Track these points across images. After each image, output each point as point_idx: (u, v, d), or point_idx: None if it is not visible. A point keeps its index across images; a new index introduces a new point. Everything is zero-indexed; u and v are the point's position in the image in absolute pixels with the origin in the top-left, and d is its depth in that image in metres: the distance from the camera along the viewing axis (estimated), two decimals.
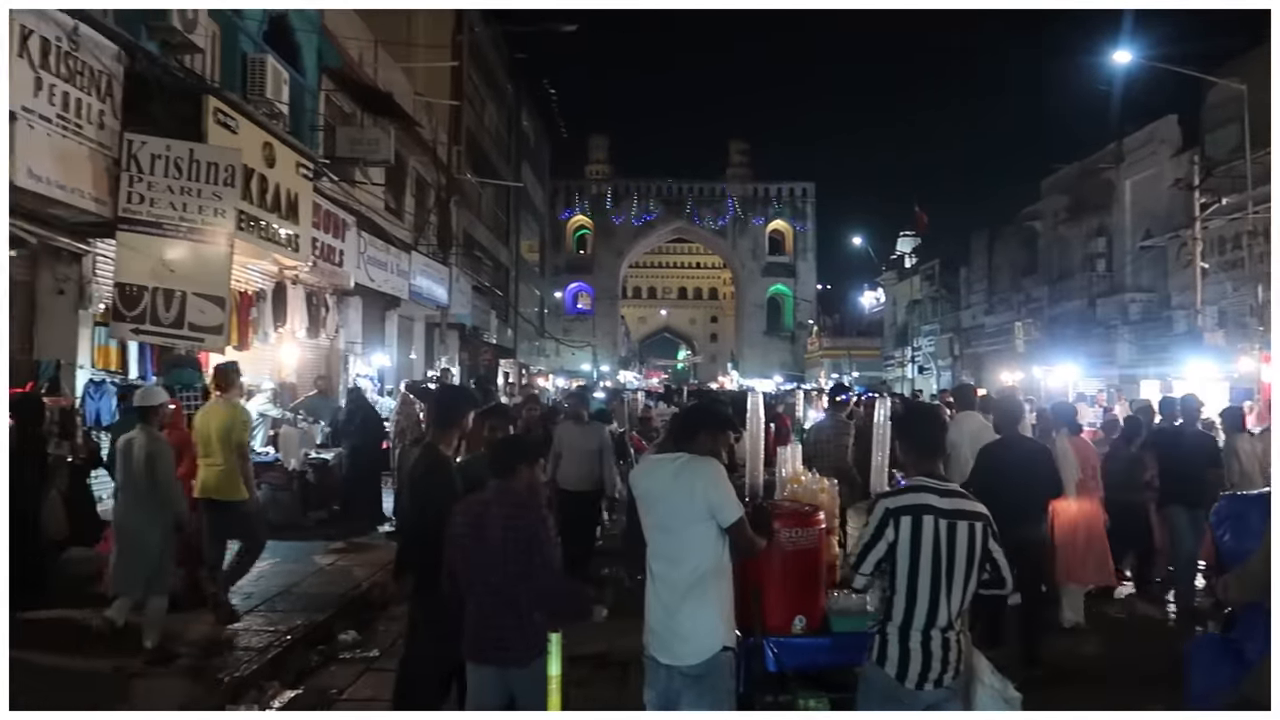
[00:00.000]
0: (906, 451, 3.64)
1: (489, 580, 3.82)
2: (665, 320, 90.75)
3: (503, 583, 3.80)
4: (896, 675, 3.38)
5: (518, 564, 3.79)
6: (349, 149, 15.22)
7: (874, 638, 3.47)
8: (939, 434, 3.73)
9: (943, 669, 3.38)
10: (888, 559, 3.40)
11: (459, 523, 3.95)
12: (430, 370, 20.02)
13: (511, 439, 4.38)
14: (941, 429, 3.85)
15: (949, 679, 3.40)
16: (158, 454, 6.44)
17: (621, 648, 5.35)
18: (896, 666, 3.38)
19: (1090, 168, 27.61)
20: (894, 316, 49.01)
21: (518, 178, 37.24)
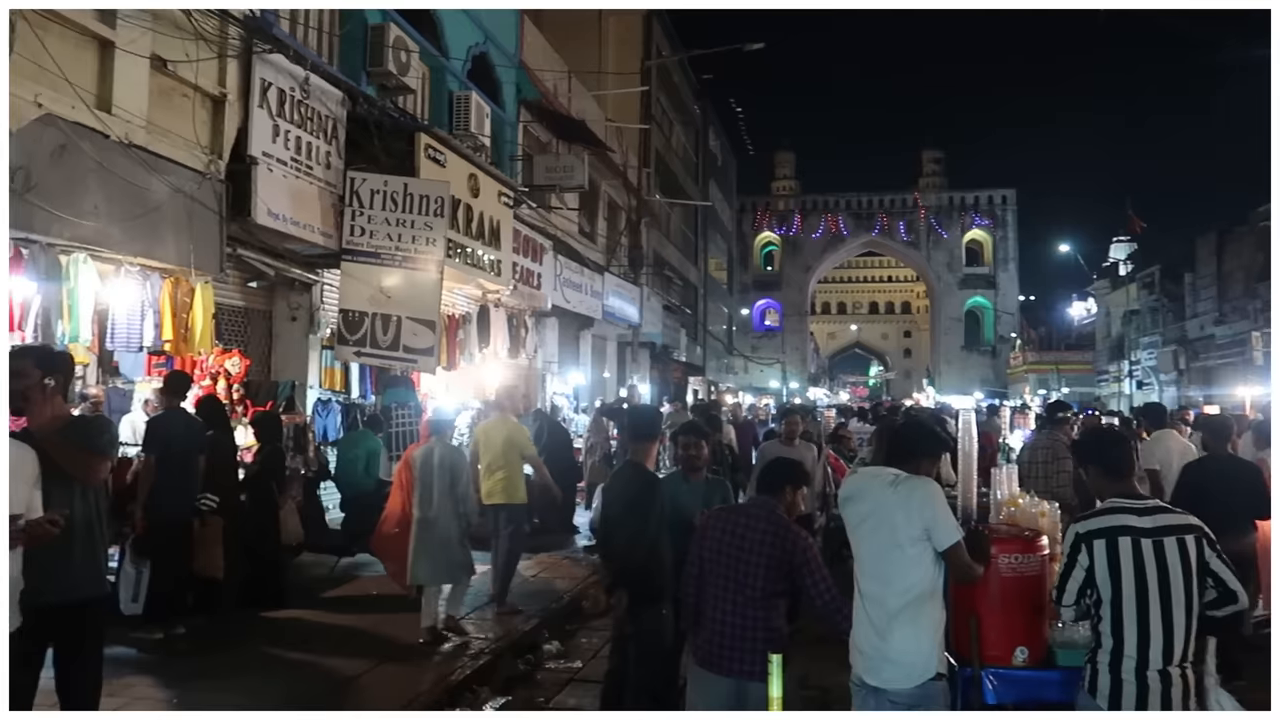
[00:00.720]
0: (1095, 477, 3.47)
1: (742, 595, 3.88)
2: (855, 336, 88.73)
3: (757, 599, 3.86)
4: (1109, 706, 3.17)
5: (774, 582, 3.86)
6: (545, 176, 15.86)
7: (1086, 666, 3.30)
8: (1126, 453, 3.52)
9: (1164, 705, 3.11)
10: (1088, 586, 3.24)
11: (713, 536, 4.02)
12: (620, 389, 20.43)
13: (783, 462, 4.34)
14: (1127, 447, 3.60)
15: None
16: (456, 462, 7.18)
17: (819, 670, 5.24)
18: (1108, 699, 3.17)
19: None
20: (1108, 328, 45.66)
21: (705, 197, 37.55)
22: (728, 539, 3.97)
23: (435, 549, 6.94)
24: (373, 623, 7.35)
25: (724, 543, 3.98)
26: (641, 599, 4.59)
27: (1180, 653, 3.15)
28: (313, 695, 5.61)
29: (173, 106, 7.80)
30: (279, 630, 7.08)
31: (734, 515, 4.11)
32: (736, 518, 4.06)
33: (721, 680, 3.92)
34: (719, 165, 44.45)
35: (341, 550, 9.19)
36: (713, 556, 4.00)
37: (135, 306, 7.43)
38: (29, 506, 3.43)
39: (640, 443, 5.04)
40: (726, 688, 3.91)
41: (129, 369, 8.16)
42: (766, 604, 3.88)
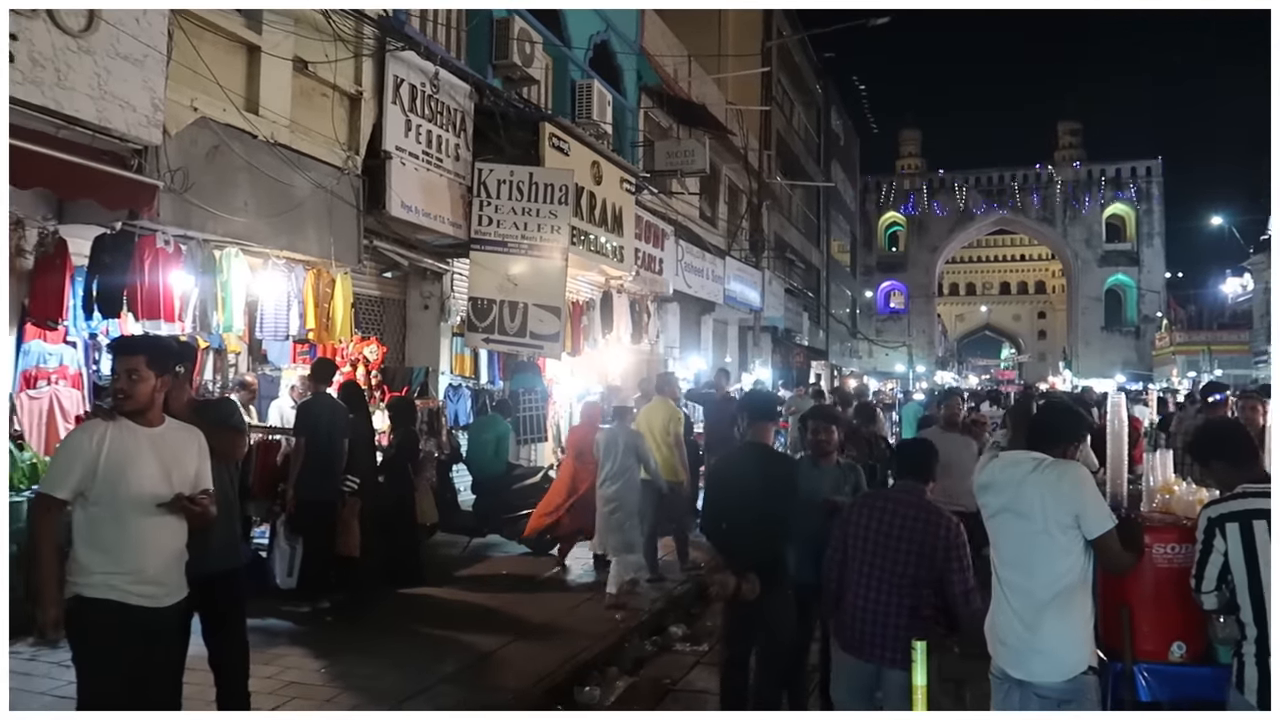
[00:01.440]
0: (1220, 471, 3.31)
1: (889, 580, 3.92)
2: (986, 318, 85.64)
3: (904, 585, 3.90)
4: (1259, 703, 3.00)
5: (922, 569, 3.88)
6: (666, 162, 15.88)
7: (1233, 660, 3.15)
8: (1245, 441, 3.40)
9: None
10: (1227, 572, 3.11)
11: (860, 520, 4.06)
12: (713, 373, 20.29)
13: (926, 446, 4.35)
14: (1244, 436, 3.49)
15: None
16: (638, 443, 7.97)
17: (948, 661, 5.11)
18: (1256, 692, 3.01)
19: None
20: (1265, 305, 42.62)
21: (827, 177, 36.88)
22: (875, 524, 4.00)
23: (622, 522, 7.67)
24: (504, 601, 7.57)
25: (872, 528, 4.00)
26: (772, 582, 4.56)
27: None
28: (447, 669, 5.82)
29: (313, 106, 8.18)
30: (417, 606, 7.37)
31: (883, 501, 4.12)
32: (885, 503, 4.07)
33: (863, 665, 3.95)
34: (841, 145, 43.55)
35: (473, 531, 9.49)
36: (859, 542, 4.03)
37: (282, 297, 7.84)
38: (202, 481, 3.66)
39: (759, 423, 5.03)
40: (868, 673, 3.95)
41: (276, 356, 8.63)
42: (913, 591, 3.89)
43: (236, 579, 4.42)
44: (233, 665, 4.37)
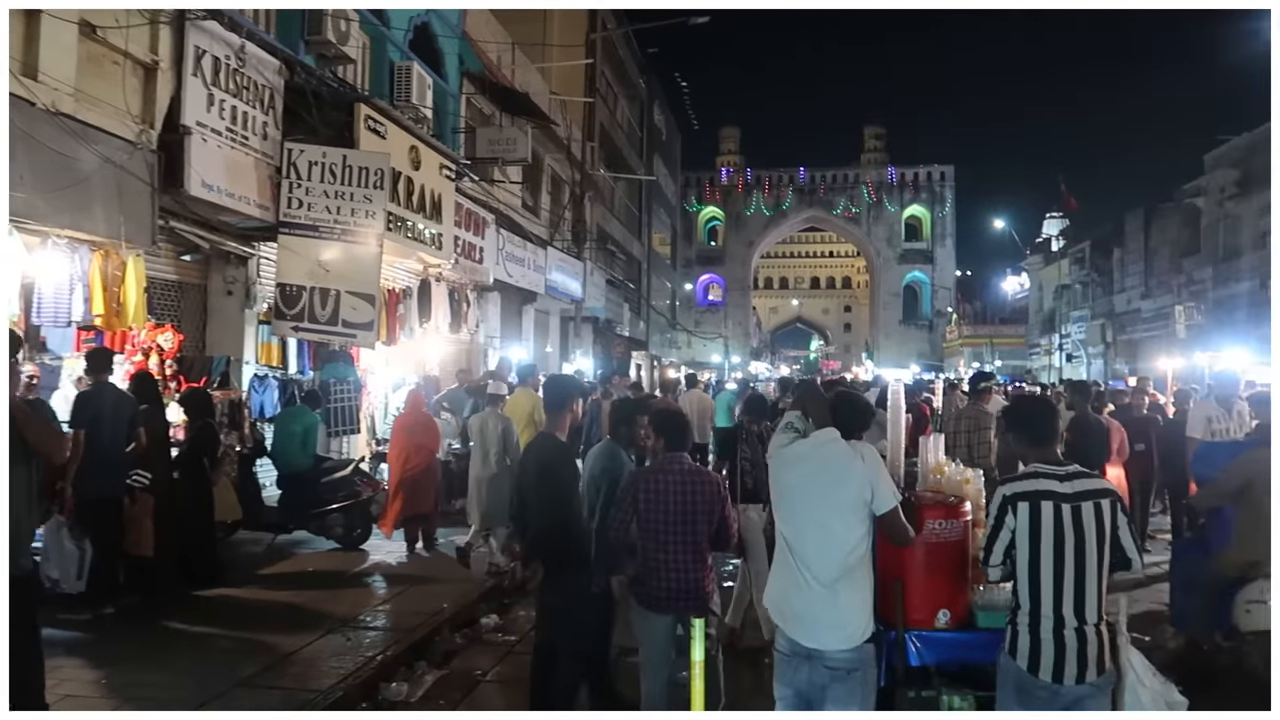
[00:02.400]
0: (1020, 442, 3.61)
1: (687, 538, 4.42)
2: (797, 310, 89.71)
3: (699, 541, 4.43)
4: (1028, 668, 3.30)
5: (709, 522, 4.45)
6: (488, 149, 15.71)
7: (1007, 628, 3.43)
8: (1052, 421, 3.67)
9: (1080, 664, 3.26)
10: (1013, 546, 3.37)
11: (654, 489, 4.45)
12: (565, 363, 20.47)
13: (681, 420, 4.89)
14: (1054, 415, 3.76)
15: (1091, 674, 3.27)
16: (507, 429, 8.62)
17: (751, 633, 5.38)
18: (1027, 659, 3.31)
19: (1261, 139, 25.62)
20: (1040, 302, 46.86)
21: (650, 171, 37.52)
22: (667, 492, 4.44)
23: (498, 499, 8.04)
24: (310, 599, 7.34)
25: (665, 496, 4.44)
26: (560, 568, 4.70)
27: (1095, 612, 3.30)
28: (245, 673, 5.60)
29: (102, 74, 7.59)
30: (213, 608, 7.04)
31: (664, 472, 4.52)
32: (668, 474, 4.50)
33: (666, 620, 4.47)
34: (663, 140, 44.39)
35: (278, 527, 9.13)
36: (656, 510, 4.44)
37: (64, 280, 7.24)
38: None
39: (552, 412, 5.11)
40: (670, 625, 4.45)
41: (56, 344, 7.97)
42: (703, 545, 4.47)
43: (28, 584, 4.11)
44: (20, 675, 4.05)
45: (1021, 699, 3.35)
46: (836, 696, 3.49)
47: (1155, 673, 3.66)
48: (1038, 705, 3.33)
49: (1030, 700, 3.33)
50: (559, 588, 4.77)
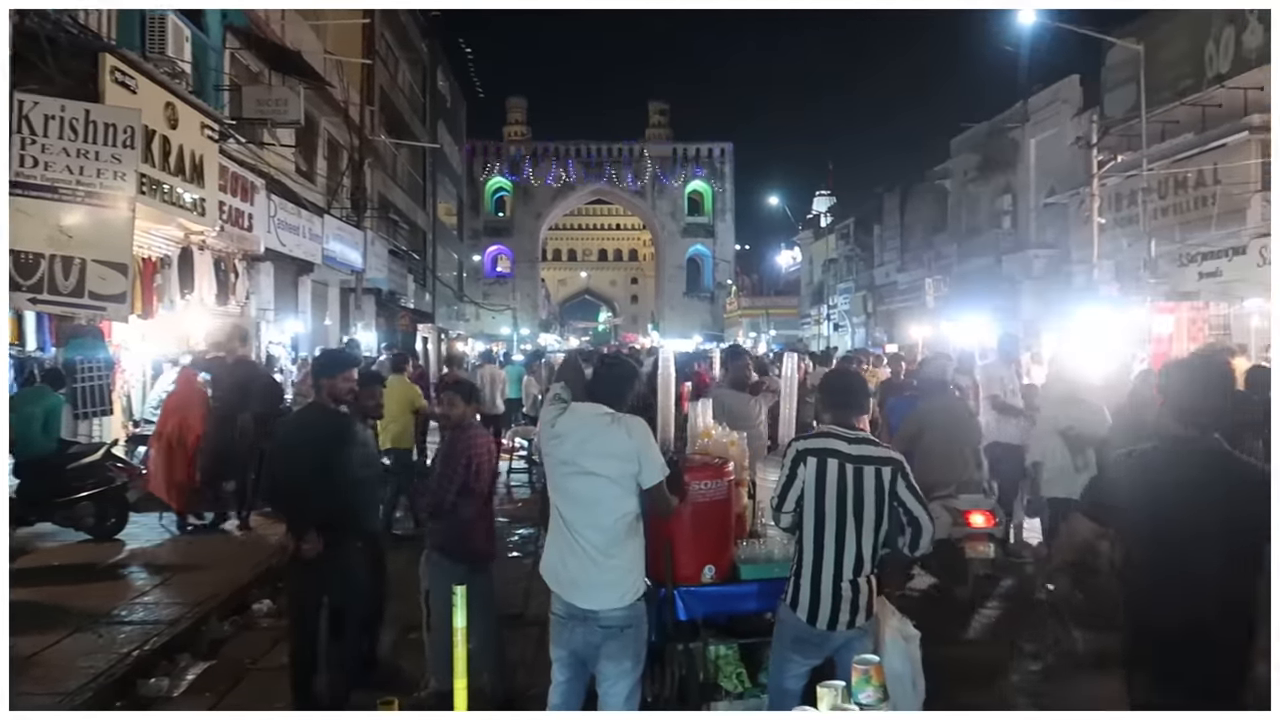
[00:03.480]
0: (827, 407, 3.86)
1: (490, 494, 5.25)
2: (586, 283, 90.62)
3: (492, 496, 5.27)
4: (807, 619, 3.57)
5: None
6: (256, 109, 14.77)
7: (788, 581, 3.66)
8: (859, 392, 3.93)
9: (853, 612, 3.56)
10: (802, 497, 3.60)
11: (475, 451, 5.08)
12: (345, 337, 19.71)
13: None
14: (861, 389, 4.02)
15: (860, 620, 3.60)
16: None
17: (538, 606, 5.51)
18: (807, 610, 3.57)
19: (998, 127, 28.32)
20: (810, 275, 49.79)
21: (434, 139, 36.52)
22: (487, 454, 5.17)
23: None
24: (56, 595, 6.76)
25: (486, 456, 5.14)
26: (338, 537, 4.79)
27: (868, 566, 3.62)
28: None
29: None
30: None
31: (484, 436, 5.33)
32: (485, 438, 5.29)
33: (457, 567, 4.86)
34: (448, 107, 43.30)
35: (18, 519, 8.30)
36: (484, 469, 5.15)
37: None
38: None
39: (319, 380, 5.20)
40: (461, 572, 4.66)
41: None
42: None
43: None
44: None
45: (797, 646, 3.63)
46: (610, 653, 3.64)
47: (894, 611, 4.07)
48: (811, 652, 3.62)
49: (805, 648, 3.61)
50: (340, 553, 4.81)
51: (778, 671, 3.70)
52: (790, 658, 3.64)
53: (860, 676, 2.27)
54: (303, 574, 4.87)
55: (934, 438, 7.04)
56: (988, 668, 5.72)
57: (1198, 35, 19.56)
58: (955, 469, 7.11)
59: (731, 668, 4.38)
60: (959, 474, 7.14)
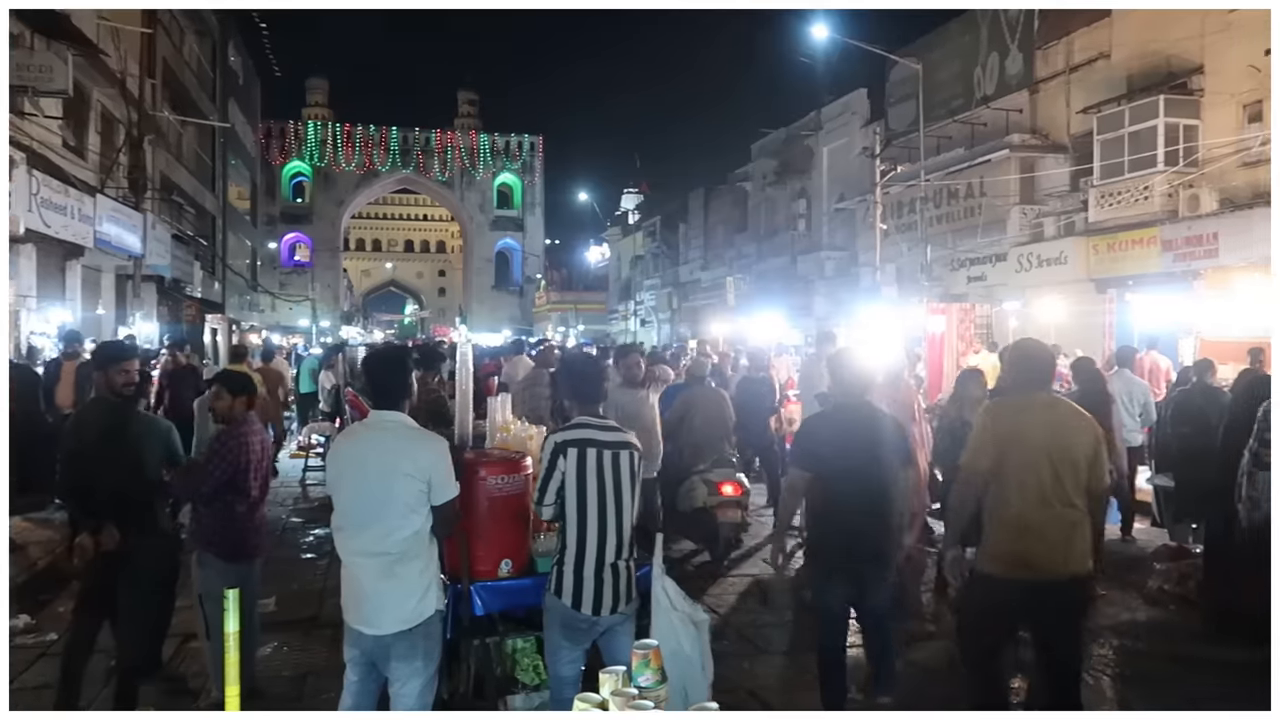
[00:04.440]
0: (571, 397, 3.95)
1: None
2: (391, 274, 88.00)
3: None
4: (572, 604, 3.63)
5: None
6: (16, 76, 13.40)
7: (553, 570, 3.72)
8: (599, 381, 4.01)
9: (615, 596, 3.67)
10: (564, 489, 3.65)
11: (251, 446, 4.81)
12: (122, 329, 18.24)
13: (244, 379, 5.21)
14: (600, 377, 4.08)
15: (624, 605, 3.71)
16: None
17: (332, 609, 5.33)
18: (572, 596, 3.63)
19: (794, 134, 29.82)
20: (619, 271, 50.56)
21: (224, 118, 34.32)
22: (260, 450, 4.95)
23: None
24: None
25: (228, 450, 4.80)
26: (140, 528, 4.63)
27: (628, 548, 3.73)
28: None
29: None
30: None
31: (241, 429, 4.91)
32: (242, 432, 4.89)
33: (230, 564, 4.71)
34: (241, 85, 40.78)
35: None
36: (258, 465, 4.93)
37: None
38: None
39: (96, 373, 5.07)
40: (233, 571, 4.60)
41: None
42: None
43: None
44: None
45: (566, 633, 3.68)
46: (401, 653, 3.54)
47: (684, 596, 4.21)
48: (580, 638, 3.69)
49: (573, 634, 3.68)
50: (141, 545, 4.66)
51: (553, 659, 3.76)
52: (561, 644, 3.70)
53: (640, 660, 2.36)
54: (93, 572, 4.62)
55: (694, 422, 8.36)
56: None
57: (968, 60, 21.35)
58: (712, 448, 8.42)
59: (529, 660, 4.41)
60: (715, 452, 8.42)
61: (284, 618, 6.56)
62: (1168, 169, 15.51)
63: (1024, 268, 18.54)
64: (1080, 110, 17.86)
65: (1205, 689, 5.27)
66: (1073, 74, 18.55)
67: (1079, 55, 18.42)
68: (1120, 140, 16.34)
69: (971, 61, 21.29)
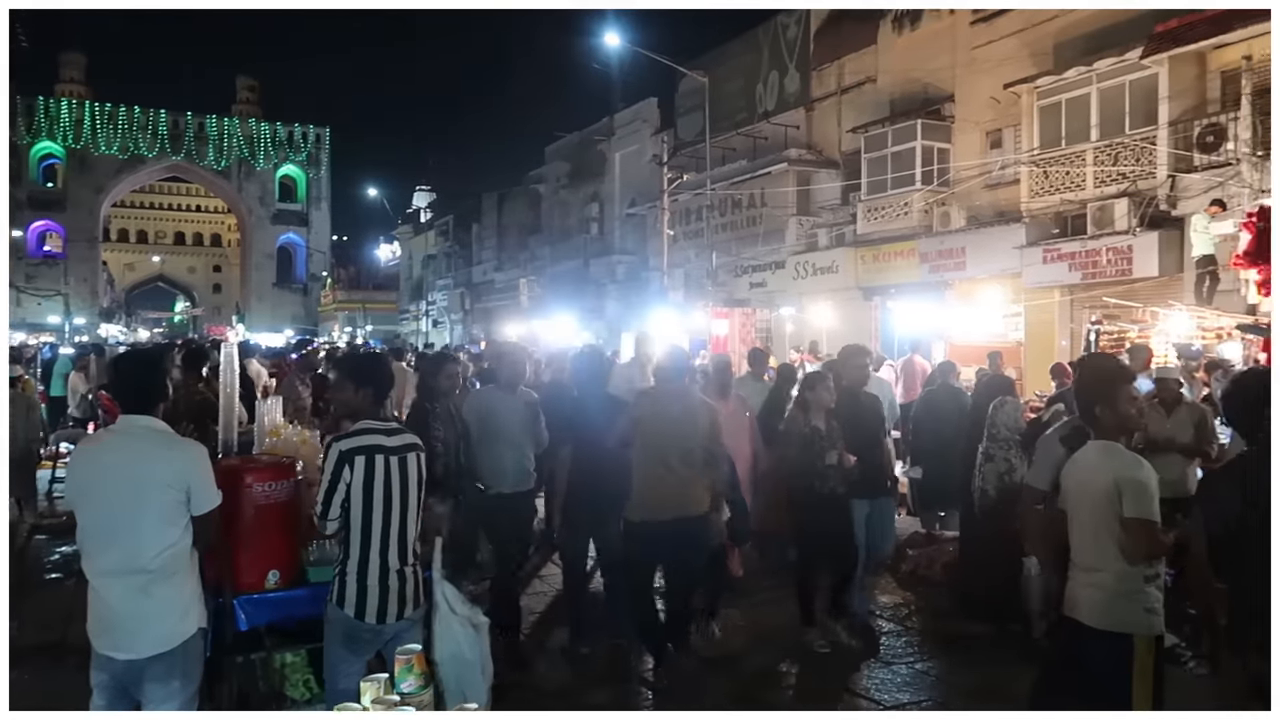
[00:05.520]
0: (363, 398, 3.76)
1: None
2: (159, 268, 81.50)
3: None
4: (355, 614, 3.51)
5: None
6: None
7: (335, 580, 3.59)
8: (388, 380, 3.92)
9: (400, 602, 3.58)
10: (349, 499, 3.51)
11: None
12: None
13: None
14: (384, 378, 3.96)
15: (410, 611, 3.62)
16: None
17: (78, 633, 4.89)
18: (355, 605, 3.52)
19: (588, 138, 30.18)
20: (410, 270, 49.31)
21: None
22: None
23: None
24: None
25: None
26: None
27: (412, 553, 3.64)
28: None
29: None
30: None
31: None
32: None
33: None
34: None
35: None
36: None
37: None
38: None
39: None
40: None
41: None
42: None
43: None
44: None
45: (349, 644, 3.56)
46: (155, 675, 3.29)
47: (464, 600, 4.18)
48: (364, 648, 3.58)
49: (357, 644, 3.56)
50: None
51: (332, 672, 3.62)
52: (344, 656, 3.57)
53: (403, 666, 2.33)
54: None
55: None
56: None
57: (751, 76, 22.44)
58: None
59: (299, 675, 4.22)
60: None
61: (25, 643, 5.96)
62: (924, 187, 16.95)
63: (800, 275, 19.69)
64: (850, 129, 19.19)
65: (951, 660, 5.80)
66: (844, 95, 19.90)
67: (849, 78, 19.80)
68: (884, 159, 17.70)
69: (754, 78, 22.37)
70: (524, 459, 5.83)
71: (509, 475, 5.72)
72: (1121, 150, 13.74)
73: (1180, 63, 13.12)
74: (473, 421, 5.72)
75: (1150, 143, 13.37)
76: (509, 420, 5.79)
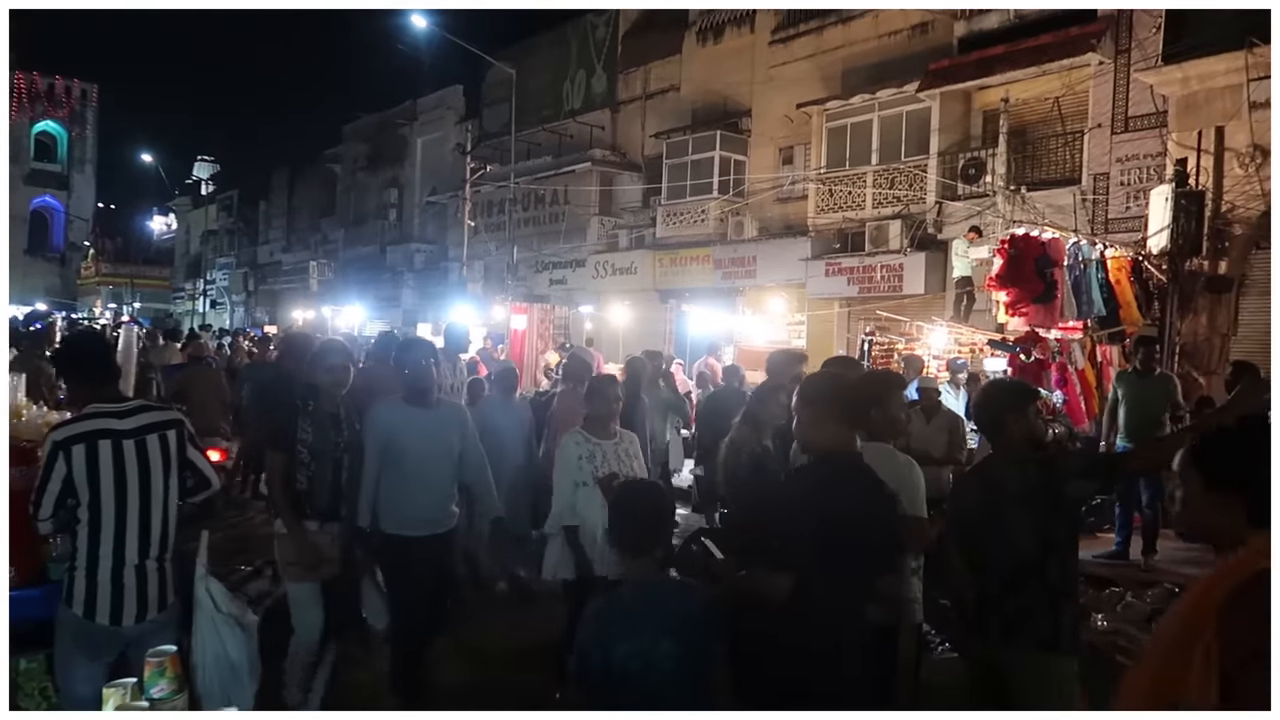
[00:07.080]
0: (79, 384, 3.43)
1: None
2: None
3: None
4: (84, 614, 3.21)
5: None
6: None
7: (66, 576, 3.28)
8: (103, 362, 3.54)
9: (140, 601, 3.28)
10: (68, 495, 3.20)
11: None
12: None
13: None
14: (109, 353, 3.69)
15: (154, 612, 3.33)
16: None
17: None
18: (84, 605, 3.21)
19: (388, 121, 29.20)
20: (187, 246, 45.90)
21: None
22: None
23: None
24: None
25: None
26: None
27: (159, 546, 3.33)
28: None
29: None
30: None
31: None
32: None
33: None
34: None
35: None
36: None
37: None
38: None
39: None
40: None
41: None
42: None
43: None
44: None
45: (80, 646, 3.25)
46: None
47: (232, 598, 3.93)
48: (98, 651, 3.27)
49: (89, 646, 3.25)
50: None
51: (65, 677, 3.28)
52: (76, 660, 3.24)
53: (154, 670, 2.16)
54: None
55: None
56: None
57: (558, 73, 22.48)
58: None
59: (35, 683, 3.83)
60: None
61: None
62: (721, 196, 17.60)
63: (600, 274, 19.94)
64: (653, 134, 19.63)
65: None
66: (649, 100, 20.33)
67: (654, 84, 20.24)
68: (685, 166, 18.24)
69: (562, 75, 22.43)
70: (444, 494, 4.61)
71: (418, 514, 4.47)
72: (897, 175, 14.84)
73: (950, 99, 14.34)
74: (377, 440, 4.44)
75: (922, 170, 14.52)
76: (424, 443, 4.51)
